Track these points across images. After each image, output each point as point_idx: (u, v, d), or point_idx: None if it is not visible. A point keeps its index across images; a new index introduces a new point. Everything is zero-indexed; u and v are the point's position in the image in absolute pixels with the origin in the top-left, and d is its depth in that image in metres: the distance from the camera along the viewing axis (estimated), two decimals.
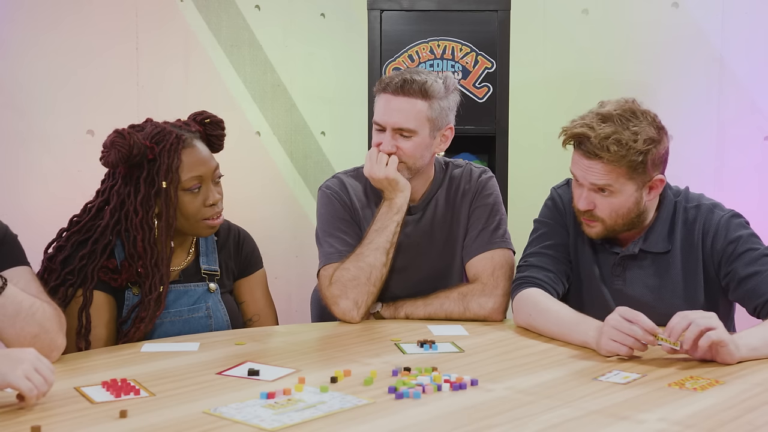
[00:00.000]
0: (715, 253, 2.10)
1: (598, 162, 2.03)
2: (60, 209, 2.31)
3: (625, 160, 2.01)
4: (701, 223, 2.13)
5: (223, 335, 2.12)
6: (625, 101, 2.08)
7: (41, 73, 3.43)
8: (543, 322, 2.10)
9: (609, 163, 2.02)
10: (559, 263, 2.23)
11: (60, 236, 2.12)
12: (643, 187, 2.07)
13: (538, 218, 2.32)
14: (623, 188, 2.05)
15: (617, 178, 2.04)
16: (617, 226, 2.11)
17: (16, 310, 1.75)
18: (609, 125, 2.02)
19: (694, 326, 1.78)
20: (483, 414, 1.50)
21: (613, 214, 2.09)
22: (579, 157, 2.08)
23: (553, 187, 2.33)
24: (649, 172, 2.05)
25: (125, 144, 2.03)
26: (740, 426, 1.44)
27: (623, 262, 2.18)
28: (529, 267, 2.23)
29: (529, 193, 3.72)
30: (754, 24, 3.62)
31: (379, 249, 2.26)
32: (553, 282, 2.20)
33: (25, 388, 1.49)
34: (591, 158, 2.04)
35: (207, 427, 1.42)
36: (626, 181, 2.04)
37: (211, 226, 2.15)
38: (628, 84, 3.61)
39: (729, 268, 2.08)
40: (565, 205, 2.26)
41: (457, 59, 3.27)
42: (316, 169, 3.80)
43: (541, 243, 2.26)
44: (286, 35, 3.74)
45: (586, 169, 2.06)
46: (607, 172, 2.03)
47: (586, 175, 2.06)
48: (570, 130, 2.07)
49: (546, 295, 2.15)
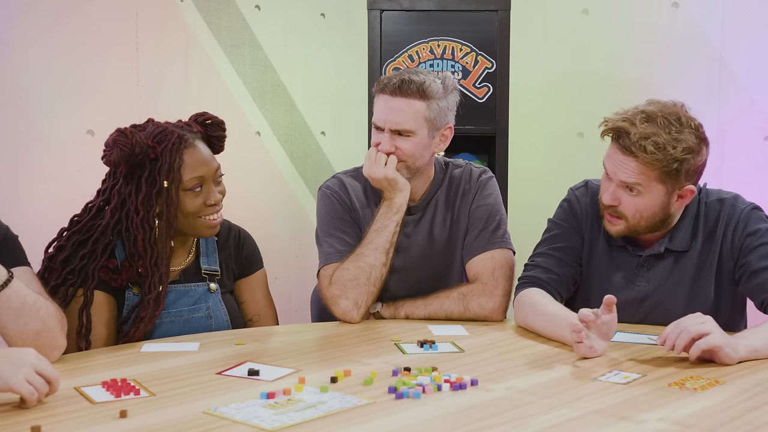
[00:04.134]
0: (734, 245, 2.10)
1: (632, 160, 2.01)
2: (60, 209, 2.31)
3: (660, 164, 1.98)
4: (724, 216, 2.12)
5: (223, 335, 2.12)
6: (673, 104, 2.06)
7: (41, 73, 3.43)
8: (538, 322, 2.10)
9: (643, 163, 1.99)
10: (566, 266, 2.22)
11: (60, 236, 2.12)
12: (673, 193, 2.05)
13: (552, 218, 2.31)
14: (652, 190, 2.04)
15: (648, 180, 2.02)
16: (639, 227, 2.10)
17: (21, 304, 1.76)
18: (651, 125, 1.99)
19: (684, 333, 1.78)
20: (483, 414, 1.50)
21: (636, 215, 2.07)
22: (614, 151, 2.06)
23: (571, 188, 2.32)
24: (682, 180, 2.03)
25: (127, 143, 2.03)
26: (740, 426, 1.44)
27: (647, 262, 2.17)
28: (535, 267, 2.23)
29: (529, 193, 3.73)
30: (754, 24, 3.62)
31: (378, 249, 2.26)
32: (556, 284, 2.19)
33: (26, 392, 1.49)
34: (626, 154, 2.01)
35: (207, 427, 1.42)
36: (657, 184, 2.03)
37: (211, 226, 2.16)
38: (628, 84, 3.61)
39: (743, 260, 2.08)
40: (582, 208, 2.25)
41: (457, 59, 3.27)
42: (316, 169, 3.80)
43: (551, 244, 2.25)
44: (286, 35, 3.74)
45: (619, 164, 2.04)
46: (640, 172, 2.01)
47: (617, 171, 2.05)
48: (611, 122, 2.05)
49: (545, 296, 2.15)
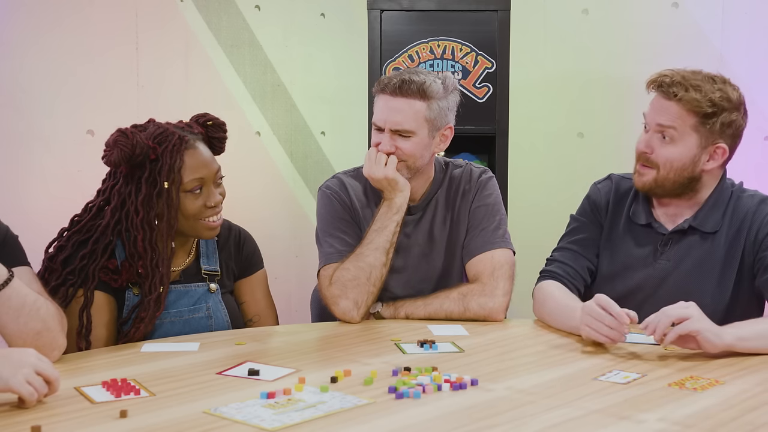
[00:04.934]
0: (756, 239, 2.12)
1: (673, 104, 2.07)
2: (60, 209, 2.31)
3: (697, 105, 2.05)
4: (752, 212, 2.14)
5: (223, 335, 2.12)
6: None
7: (41, 73, 3.43)
8: (548, 312, 2.18)
9: (683, 105, 2.06)
10: (581, 259, 2.27)
11: (61, 236, 2.12)
12: (706, 147, 2.10)
13: (573, 214, 2.37)
14: (685, 140, 2.09)
15: (684, 125, 2.07)
16: (667, 182, 2.13)
17: (21, 303, 1.76)
18: (695, 75, 2.09)
19: (664, 318, 1.83)
20: (483, 414, 1.50)
21: (667, 164, 2.11)
22: (656, 100, 2.12)
23: (594, 183, 2.37)
24: (717, 133, 2.08)
25: (128, 143, 2.03)
26: (740, 426, 1.44)
27: (672, 239, 2.19)
28: (553, 262, 2.30)
29: (529, 193, 3.74)
30: (754, 24, 3.62)
31: (378, 249, 2.26)
32: (572, 277, 2.25)
33: (26, 393, 1.49)
34: (669, 99, 2.08)
35: (207, 427, 1.42)
36: (692, 132, 2.08)
37: (210, 228, 2.15)
38: (628, 84, 3.61)
39: (762, 254, 2.10)
40: (603, 196, 2.30)
41: (457, 59, 3.27)
42: (316, 169, 3.80)
43: (569, 239, 2.32)
44: (286, 35, 3.74)
45: (658, 109, 2.10)
46: (678, 116, 2.07)
47: (656, 116, 2.11)
48: (657, 74, 2.12)
49: (558, 287, 2.21)
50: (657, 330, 1.83)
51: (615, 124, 3.70)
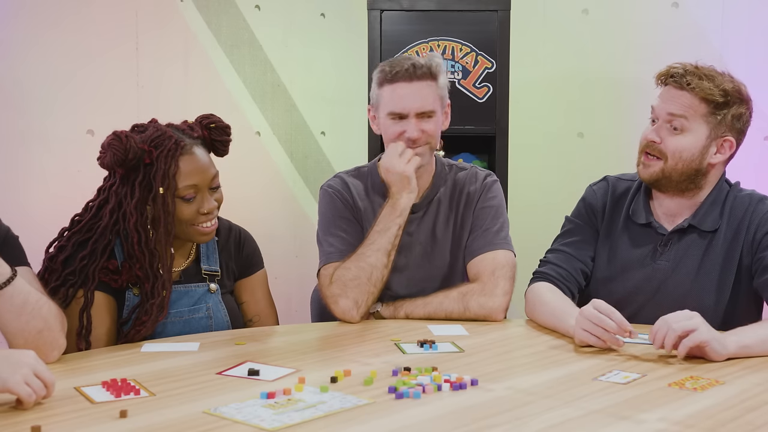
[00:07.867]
0: (755, 242, 2.12)
1: (686, 93, 2.08)
2: (60, 209, 2.31)
3: (709, 93, 2.05)
4: (750, 211, 2.14)
5: (223, 335, 2.12)
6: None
7: (41, 73, 3.43)
8: (541, 314, 2.17)
9: (696, 94, 2.06)
10: (575, 261, 2.26)
11: (62, 236, 2.12)
12: (715, 139, 2.10)
13: (568, 216, 2.36)
14: (695, 128, 2.09)
15: (695, 114, 2.08)
16: (675, 173, 2.12)
17: (23, 302, 1.76)
18: (708, 69, 2.11)
19: (671, 333, 1.81)
20: (483, 414, 1.50)
21: (676, 154, 2.10)
22: (667, 90, 2.12)
23: (590, 185, 2.36)
24: (726, 125, 2.09)
25: (121, 147, 2.01)
26: (740, 426, 1.44)
27: (672, 239, 2.18)
28: (546, 263, 2.29)
29: (529, 193, 3.74)
30: (754, 24, 3.62)
31: (380, 250, 2.26)
32: (565, 279, 2.24)
33: (24, 393, 1.49)
34: (681, 88, 2.09)
35: (207, 427, 1.42)
36: (702, 122, 2.09)
37: (203, 233, 2.13)
38: (628, 84, 3.61)
39: (760, 255, 2.10)
40: (599, 198, 2.29)
41: (457, 59, 3.27)
42: (316, 169, 3.80)
43: (563, 241, 2.31)
44: (286, 35, 3.74)
45: (669, 99, 2.10)
46: (689, 105, 2.08)
47: (667, 105, 2.11)
48: (670, 66, 2.13)
49: (551, 289, 2.19)
50: (666, 344, 1.82)
51: (615, 124, 3.70)
